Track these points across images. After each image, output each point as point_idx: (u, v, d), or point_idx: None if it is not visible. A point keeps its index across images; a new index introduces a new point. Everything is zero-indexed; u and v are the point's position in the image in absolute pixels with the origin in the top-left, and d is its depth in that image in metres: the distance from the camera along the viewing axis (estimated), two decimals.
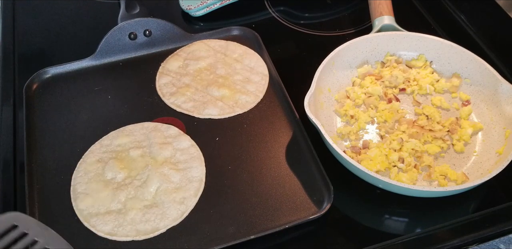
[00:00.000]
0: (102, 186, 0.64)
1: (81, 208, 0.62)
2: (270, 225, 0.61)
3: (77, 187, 0.64)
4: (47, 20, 0.88)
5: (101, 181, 0.64)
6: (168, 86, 0.75)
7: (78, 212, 0.62)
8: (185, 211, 0.62)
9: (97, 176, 0.65)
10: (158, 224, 0.61)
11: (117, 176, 0.65)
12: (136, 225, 0.60)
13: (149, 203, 0.62)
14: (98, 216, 0.61)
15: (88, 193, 0.63)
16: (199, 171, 0.66)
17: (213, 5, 0.84)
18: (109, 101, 0.74)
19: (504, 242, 0.66)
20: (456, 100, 0.74)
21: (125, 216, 0.61)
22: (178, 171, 0.65)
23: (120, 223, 0.61)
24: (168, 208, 0.62)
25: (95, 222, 0.61)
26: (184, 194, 0.63)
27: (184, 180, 0.65)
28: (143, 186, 0.63)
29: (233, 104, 0.73)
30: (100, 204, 0.62)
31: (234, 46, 0.81)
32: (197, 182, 0.65)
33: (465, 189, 0.59)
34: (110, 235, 0.60)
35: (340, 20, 0.88)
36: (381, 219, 0.63)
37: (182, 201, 0.63)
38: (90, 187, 0.64)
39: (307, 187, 0.64)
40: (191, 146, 0.69)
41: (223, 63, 0.78)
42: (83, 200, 0.62)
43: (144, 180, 0.64)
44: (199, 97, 0.74)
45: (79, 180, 0.65)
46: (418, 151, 0.66)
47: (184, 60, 0.79)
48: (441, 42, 0.74)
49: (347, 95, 0.73)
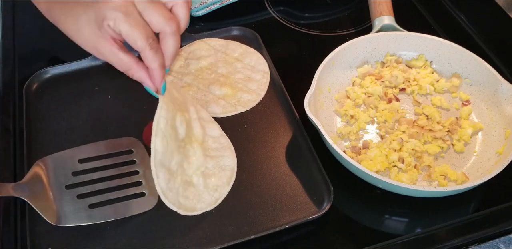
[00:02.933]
0: (174, 137, 0.59)
1: (157, 149, 0.56)
2: (270, 225, 0.61)
3: (161, 122, 0.57)
4: (47, 20, 0.88)
5: (174, 129, 0.59)
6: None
7: (153, 151, 0.56)
8: (219, 198, 0.62)
9: (173, 126, 0.59)
10: (195, 204, 0.60)
11: (182, 133, 0.60)
12: (179, 197, 0.59)
13: (189, 179, 0.61)
14: (163, 168, 0.57)
15: (165, 135, 0.57)
16: (231, 160, 0.65)
17: (213, 5, 0.84)
18: (109, 101, 0.74)
19: (504, 242, 0.66)
20: (456, 100, 0.74)
21: (175, 181, 0.59)
22: (211, 157, 0.64)
23: (171, 186, 0.58)
24: (203, 192, 0.61)
25: (159, 173, 0.57)
26: (217, 182, 0.63)
27: (217, 167, 0.64)
28: (188, 161, 0.61)
29: (235, 103, 0.73)
30: (168, 155, 0.58)
31: (234, 45, 0.81)
32: (229, 171, 0.64)
33: (465, 189, 0.59)
34: (163, 194, 0.57)
35: (340, 20, 0.88)
36: (381, 219, 0.63)
37: (215, 188, 0.62)
38: (168, 133, 0.58)
39: (307, 187, 0.64)
40: (221, 135, 0.68)
41: (224, 62, 0.78)
42: (162, 140, 0.57)
43: (192, 152, 0.62)
44: (201, 96, 0.74)
45: (164, 113, 0.58)
46: (418, 151, 0.66)
47: (185, 60, 0.79)
48: (441, 42, 0.74)
49: (347, 95, 0.73)
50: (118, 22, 0.50)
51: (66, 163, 0.63)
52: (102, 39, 0.53)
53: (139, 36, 0.51)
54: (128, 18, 0.50)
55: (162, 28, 0.52)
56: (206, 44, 0.80)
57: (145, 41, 0.51)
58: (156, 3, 0.52)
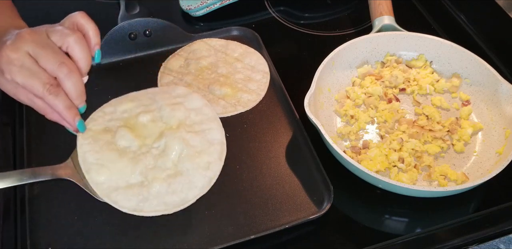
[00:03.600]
0: (117, 156, 0.57)
1: (98, 181, 0.56)
2: (270, 225, 0.61)
3: (88, 157, 0.57)
4: (47, 20, 0.88)
5: (115, 150, 0.58)
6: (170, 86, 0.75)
7: (95, 186, 0.56)
8: (213, 177, 0.59)
9: (109, 144, 0.58)
10: (186, 194, 0.57)
11: (132, 144, 0.59)
12: (164, 198, 0.56)
13: (173, 172, 0.58)
14: (118, 190, 0.55)
15: (103, 164, 0.56)
16: (219, 133, 0.62)
17: (213, 5, 0.84)
18: None
19: (504, 242, 0.66)
20: (456, 100, 0.74)
21: (149, 189, 0.56)
22: (196, 133, 0.61)
23: (145, 197, 0.56)
24: (194, 175, 0.58)
25: (116, 197, 0.55)
26: (209, 158, 0.59)
27: (205, 143, 0.60)
28: (162, 155, 0.58)
29: (235, 103, 0.73)
30: (119, 177, 0.56)
31: (234, 45, 0.81)
32: (219, 144, 0.61)
33: (465, 189, 0.59)
34: (136, 211, 0.55)
35: (340, 20, 0.88)
36: (381, 219, 0.63)
37: (207, 166, 0.59)
38: (103, 157, 0.57)
39: (307, 187, 0.64)
40: (204, 105, 0.65)
41: (224, 62, 0.78)
42: (99, 172, 0.56)
43: (162, 148, 0.59)
44: (201, 96, 0.74)
45: (88, 148, 0.57)
46: (418, 151, 0.66)
47: (185, 60, 0.79)
48: (441, 42, 0.74)
49: (347, 95, 0.73)
50: (14, 75, 0.53)
51: None
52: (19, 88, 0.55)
53: (35, 85, 0.53)
54: (22, 70, 0.53)
55: (55, 74, 0.54)
56: (206, 44, 0.80)
57: (42, 89, 0.53)
58: (49, 48, 0.54)
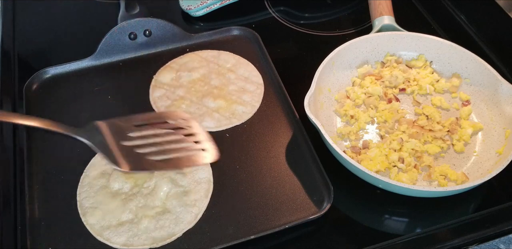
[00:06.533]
0: (110, 198, 0.63)
1: (92, 223, 0.61)
2: (270, 225, 0.61)
3: (84, 202, 0.63)
4: (47, 20, 0.88)
5: (108, 193, 0.63)
6: (163, 99, 0.74)
7: (89, 227, 0.61)
8: (198, 213, 0.62)
9: (103, 188, 0.64)
10: (173, 229, 0.61)
11: (124, 186, 0.64)
12: (151, 233, 0.60)
13: (161, 209, 0.62)
14: (110, 228, 0.60)
15: (97, 207, 0.62)
16: (206, 172, 0.66)
17: (213, 5, 0.84)
18: (109, 101, 0.74)
19: (504, 242, 0.66)
20: (456, 100, 0.74)
21: (138, 226, 0.61)
22: (185, 174, 0.65)
23: (135, 233, 0.60)
24: (181, 212, 0.62)
25: (108, 235, 0.60)
26: (195, 196, 0.63)
27: (192, 182, 0.64)
28: (152, 194, 0.63)
29: (229, 115, 0.72)
30: (111, 216, 0.61)
31: (226, 56, 0.79)
32: (206, 183, 0.65)
33: (465, 189, 0.59)
34: (126, 246, 0.59)
35: (340, 20, 0.88)
36: (381, 219, 0.63)
37: (193, 203, 0.62)
38: (97, 201, 0.63)
39: (307, 187, 0.64)
40: None
41: (217, 73, 0.77)
42: (93, 214, 0.62)
43: (152, 187, 0.63)
44: (194, 109, 0.72)
45: (85, 194, 0.64)
46: (418, 151, 0.66)
47: (177, 72, 0.77)
48: (441, 42, 0.74)
49: (347, 95, 0.73)
50: None
51: (121, 127, 0.64)
52: None
53: None
54: None
55: None
56: (197, 56, 0.79)
57: None
58: None
